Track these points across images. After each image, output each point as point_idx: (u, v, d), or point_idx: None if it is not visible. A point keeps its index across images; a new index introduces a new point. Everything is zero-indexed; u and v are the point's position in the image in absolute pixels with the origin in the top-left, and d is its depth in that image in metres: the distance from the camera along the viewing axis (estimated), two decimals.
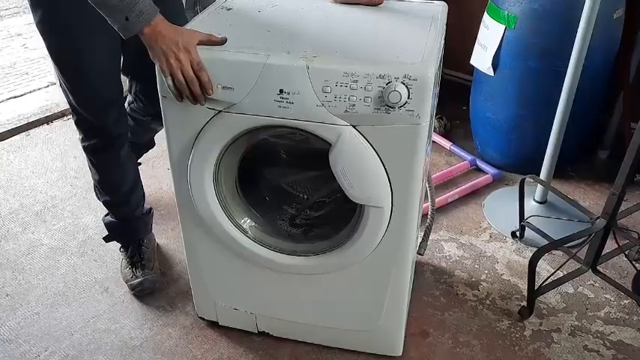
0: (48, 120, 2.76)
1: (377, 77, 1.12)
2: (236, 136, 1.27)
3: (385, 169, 1.21)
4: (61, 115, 2.76)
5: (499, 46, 2.10)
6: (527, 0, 1.98)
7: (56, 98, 2.87)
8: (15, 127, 2.67)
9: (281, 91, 1.17)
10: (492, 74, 2.16)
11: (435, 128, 2.59)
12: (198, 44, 1.19)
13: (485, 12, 2.17)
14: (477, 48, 2.23)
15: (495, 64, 2.14)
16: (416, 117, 1.14)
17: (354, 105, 1.15)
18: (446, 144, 2.53)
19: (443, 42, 1.36)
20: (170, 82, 1.20)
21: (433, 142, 2.50)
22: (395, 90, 1.11)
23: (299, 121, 1.20)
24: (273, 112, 1.20)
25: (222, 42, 1.22)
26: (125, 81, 1.71)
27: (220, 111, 1.23)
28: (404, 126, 1.16)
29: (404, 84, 1.11)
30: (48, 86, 3.10)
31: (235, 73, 1.18)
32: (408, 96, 1.12)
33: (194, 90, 1.19)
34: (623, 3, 2.00)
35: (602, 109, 2.29)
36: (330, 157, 1.22)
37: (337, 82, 1.14)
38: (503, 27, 2.06)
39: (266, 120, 1.21)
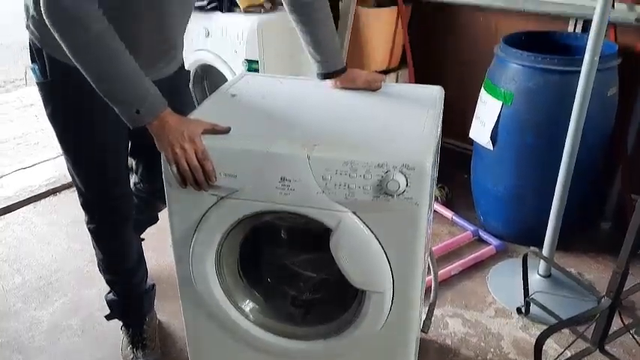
0: (55, 191, 2.81)
1: (375, 166, 1.15)
2: (238, 221, 1.29)
3: (386, 254, 1.22)
4: (68, 186, 2.81)
5: (497, 120, 2.15)
6: (522, 78, 2.05)
7: (64, 169, 2.92)
8: (23, 199, 2.72)
9: (282, 178, 1.20)
10: (492, 148, 2.20)
11: (436, 197, 2.62)
12: (202, 133, 1.23)
13: (482, 88, 2.24)
14: (475, 122, 2.28)
15: (494, 138, 2.19)
16: (415, 204, 1.16)
17: (353, 192, 1.18)
18: (448, 214, 2.54)
19: (440, 127, 1.40)
20: (175, 170, 1.23)
21: (435, 211, 2.51)
22: (393, 179, 1.13)
23: (300, 207, 1.22)
24: (275, 199, 1.22)
25: (226, 131, 1.26)
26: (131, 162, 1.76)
27: (223, 197, 1.25)
28: (403, 213, 1.17)
29: (402, 173, 1.14)
30: (57, 157, 3.17)
31: (238, 161, 1.22)
32: (407, 184, 1.14)
33: (198, 178, 1.22)
34: (617, 81, 2.06)
35: (602, 181, 2.31)
36: (331, 243, 1.23)
37: (337, 171, 1.17)
38: (500, 103, 2.12)
39: (267, 206, 1.24)
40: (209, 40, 2.55)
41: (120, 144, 1.55)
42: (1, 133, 3.60)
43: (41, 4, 1.13)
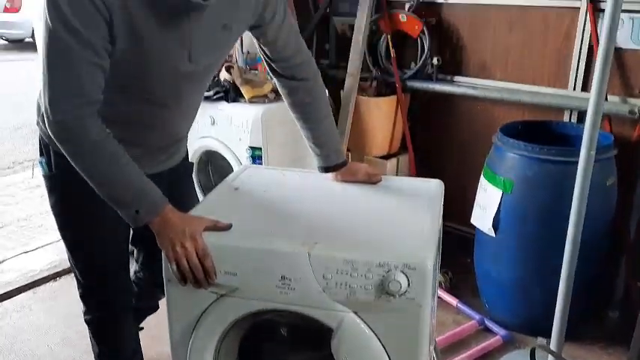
0: (56, 276, 2.79)
1: (376, 266, 1.15)
2: (237, 319, 1.27)
3: (389, 356, 1.19)
4: (68, 270, 2.79)
5: (498, 208, 2.16)
6: (521, 168, 2.08)
7: (65, 253, 2.92)
8: (23, 284, 2.69)
9: (282, 277, 1.19)
10: (494, 235, 2.20)
11: (440, 283, 2.58)
12: (204, 230, 1.24)
13: (482, 175, 2.26)
14: (476, 209, 2.29)
15: (496, 225, 2.19)
16: (417, 305, 1.15)
17: (354, 292, 1.17)
18: (452, 301, 2.49)
19: (441, 221, 1.40)
20: (175, 268, 1.23)
21: (439, 298, 2.47)
22: (395, 279, 1.13)
23: (300, 306, 1.20)
24: (275, 298, 1.21)
25: (227, 227, 1.27)
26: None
27: (222, 295, 1.24)
28: (405, 314, 1.16)
29: (403, 273, 1.13)
30: (59, 240, 3.16)
31: (238, 259, 1.22)
32: (408, 284, 1.13)
33: (197, 276, 1.21)
34: (615, 171, 2.09)
35: (607, 269, 2.28)
36: (332, 344, 1.20)
37: (338, 270, 1.17)
38: (500, 191, 2.14)
39: (267, 305, 1.23)
40: (214, 128, 2.63)
41: (120, 237, 1.55)
42: (7, 215, 3.62)
43: (44, 117, 1.18)
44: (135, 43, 1.20)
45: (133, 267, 1.82)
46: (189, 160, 1.77)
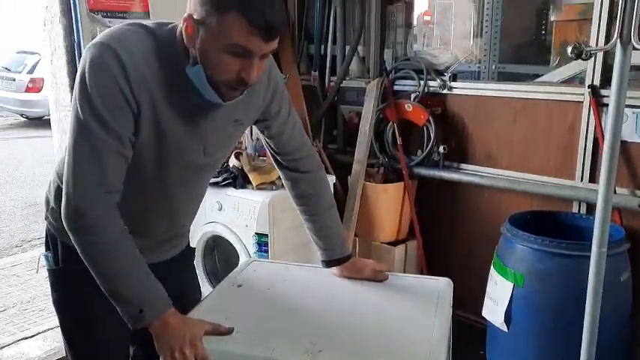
0: None
1: None
2: None
3: None
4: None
5: (510, 300, 2.10)
6: (532, 260, 2.04)
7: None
8: None
9: None
10: (506, 330, 2.12)
11: None
12: (204, 334, 1.20)
13: (492, 266, 2.22)
14: (487, 301, 2.23)
15: (508, 319, 2.12)
16: None
17: None
18: None
19: (450, 323, 1.36)
20: None
21: None
22: None
23: None
24: None
25: (228, 332, 1.23)
26: None
27: None
28: None
29: None
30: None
31: None
32: None
33: None
34: (628, 266, 2.04)
35: None
36: None
37: None
38: (511, 284, 2.08)
39: None
40: (221, 214, 2.63)
41: (124, 335, 1.51)
42: (11, 297, 3.57)
43: (62, 209, 1.18)
44: (157, 136, 1.22)
45: None
46: (191, 245, 1.75)
